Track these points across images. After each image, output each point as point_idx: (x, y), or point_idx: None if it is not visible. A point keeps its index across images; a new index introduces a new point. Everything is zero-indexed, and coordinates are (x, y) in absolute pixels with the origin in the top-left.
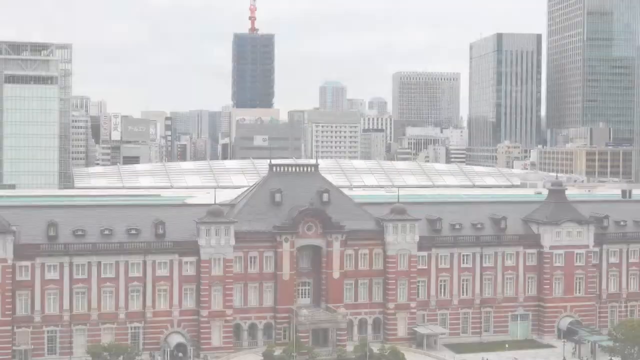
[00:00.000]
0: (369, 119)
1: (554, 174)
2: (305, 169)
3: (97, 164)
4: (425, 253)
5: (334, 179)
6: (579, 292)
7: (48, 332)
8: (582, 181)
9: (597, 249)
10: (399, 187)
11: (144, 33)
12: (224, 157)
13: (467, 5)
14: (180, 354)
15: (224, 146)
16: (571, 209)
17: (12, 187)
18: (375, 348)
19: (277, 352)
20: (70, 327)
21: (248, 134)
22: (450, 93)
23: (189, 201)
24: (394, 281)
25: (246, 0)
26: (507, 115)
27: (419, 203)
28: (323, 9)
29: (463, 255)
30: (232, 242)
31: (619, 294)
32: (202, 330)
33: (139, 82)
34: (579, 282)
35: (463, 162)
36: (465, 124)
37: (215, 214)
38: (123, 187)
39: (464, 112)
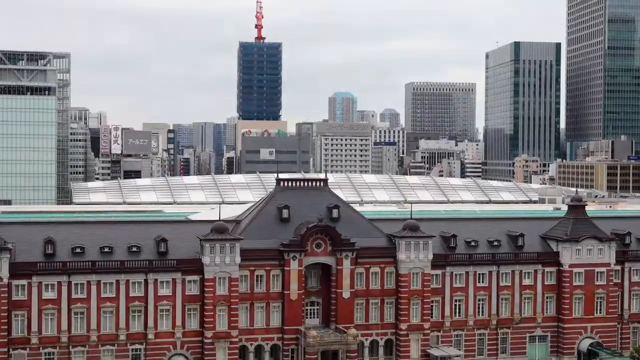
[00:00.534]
0: (380, 132)
1: (573, 189)
2: (314, 183)
3: (97, 179)
4: (439, 271)
5: (344, 194)
6: (600, 312)
7: (45, 354)
8: (603, 196)
9: (618, 268)
10: (411, 203)
11: (146, 42)
12: (229, 172)
13: (482, 13)
14: None
15: (229, 160)
16: (592, 226)
17: (8, 202)
18: None
19: None
20: (69, 349)
21: (254, 147)
22: (465, 104)
23: (193, 217)
24: (406, 301)
25: (252, 8)
26: (525, 128)
27: (432, 219)
28: (332, 16)
29: (479, 274)
30: (238, 260)
31: None
32: (206, 353)
33: (141, 93)
34: (600, 302)
35: (479, 176)
36: (481, 136)
37: (220, 231)
38: (124, 203)
39: (479, 124)
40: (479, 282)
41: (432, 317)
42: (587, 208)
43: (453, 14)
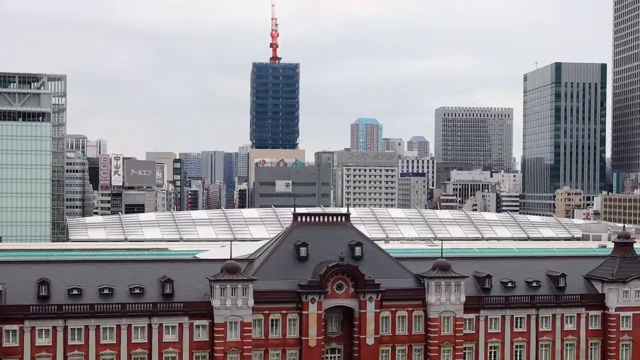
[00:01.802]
0: (408, 161)
1: (620, 225)
2: (334, 219)
3: (96, 213)
4: (472, 315)
5: (368, 231)
6: None
7: None
8: None
9: None
10: (442, 240)
11: (150, 63)
12: (241, 206)
13: (520, 32)
14: None
15: (241, 193)
16: None
17: None
18: None
19: None
20: None
21: (269, 179)
22: (502, 131)
23: (201, 256)
24: (436, 348)
25: (267, 25)
26: (567, 157)
27: (465, 258)
28: (354, 34)
29: (516, 318)
30: (251, 303)
31: None
32: None
33: (144, 119)
34: None
35: (516, 210)
36: (518, 167)
37: (231, 271)
38: (125, 240)
39: (517, 154)
40: (516, 327)
41: None
42: (635, 245)
43: (488, 31)
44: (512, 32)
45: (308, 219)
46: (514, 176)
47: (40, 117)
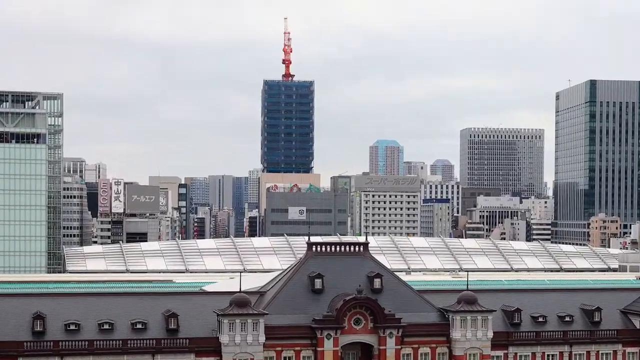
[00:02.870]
0: (431, 186)
1: None
2: (352, 248)
3: (95, 242)
4: (500, 352)
5: (388, 261)
6: None
7: None
8: None
9: None
10: (468, 271)
11: (153, 80)
12: (252, 234)
13: (551, 48)
14: None
15: (252, 220)
16: None
17: None
18: None
19: None
20: None
21: (281, 205)
22: (532, 154)
23: (208, 288)
24: None
25: (279, 41)
26: (602, 182)
27: (493, 291)
28: (371, 50)
29: (548, 355)
30: (262, 339)
31: None
32: None
33: (147, 141)
34: None
35: (548, 239)
36: (550, 192)
37: (240, 305)
38: (126, 271)
39: (548, 178)
40: None
41: None
42: None
43: (516, 47)
44: (543, 47)
45: (323, 249)
46: (545, 202)
47: (35, 139)
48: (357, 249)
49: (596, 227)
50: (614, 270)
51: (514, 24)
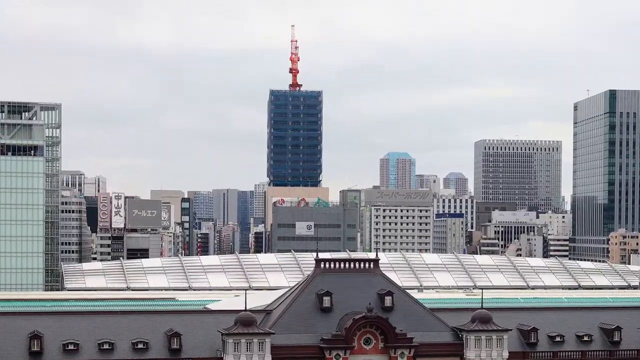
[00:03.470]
0: (444, 201)
1: None
2: (362, 265)
3: (94, 259)
4: None
5: (399, 278)
6: None
7: None
8: None
9: None
10: (482, 289)
11: (155, 91)
12: (257, 250)
13: (569, 57)
14: None
15: (257, 236)
16: None
17: None
18: None
19: None
20: None
21: (288, 220)
22: (549, 167)
23: (212, 307)
24: None
25: (286, 49)
26: (623, 196)
27: (508, 309)
28: (381, 59)
29: None
30: (268, 359)
31: None
32: None
33: (148, 154)
34: None
35: (565, 256)
36: (568, 207)
37: (246, 324)
38: (127, 289)
39: (566, 192)
40: None
41: None
42: None
43: (532, 56)
44: (560, 57)
45: (332, 265)
46: (563, 217)
47: (32, 151)
48: (367, 265)
49: (616, 243)
50: (635, 287)
51: (530, 33)
